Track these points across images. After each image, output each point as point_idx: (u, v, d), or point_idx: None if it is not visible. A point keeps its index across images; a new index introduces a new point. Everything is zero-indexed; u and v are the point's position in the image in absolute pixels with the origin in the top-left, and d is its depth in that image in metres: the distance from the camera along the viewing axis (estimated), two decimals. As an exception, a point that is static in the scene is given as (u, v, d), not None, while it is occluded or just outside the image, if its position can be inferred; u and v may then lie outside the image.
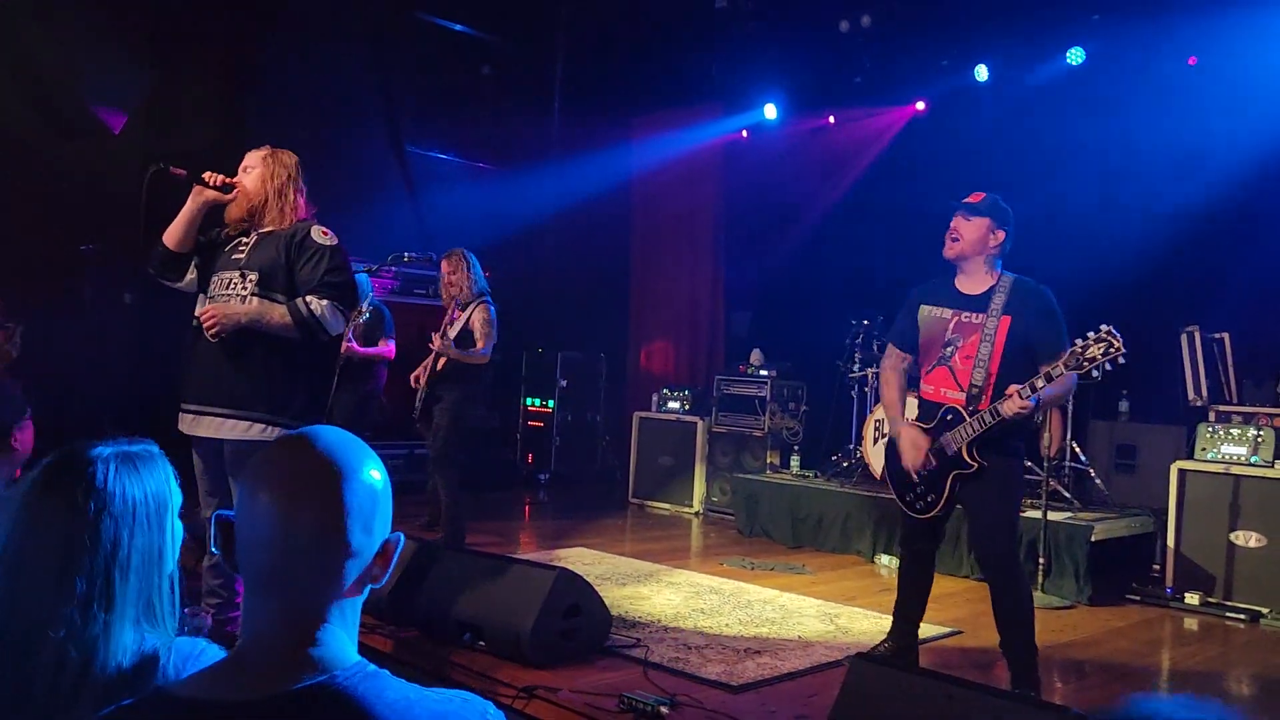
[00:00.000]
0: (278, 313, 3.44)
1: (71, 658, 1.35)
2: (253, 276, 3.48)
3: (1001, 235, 3.63)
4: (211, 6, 7.50)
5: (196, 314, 3.50)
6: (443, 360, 5.69)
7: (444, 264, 5.92)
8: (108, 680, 1.37)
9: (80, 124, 6.86)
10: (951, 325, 3.64)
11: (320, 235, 3.57)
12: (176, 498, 1.54)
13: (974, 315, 3.60)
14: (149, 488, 1.47)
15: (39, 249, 6.54)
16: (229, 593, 3.48)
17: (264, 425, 3.41)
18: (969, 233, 3.63)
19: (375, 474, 1.20)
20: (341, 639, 1.16)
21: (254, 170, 3.66)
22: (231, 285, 3.50)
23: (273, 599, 1.15)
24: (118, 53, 6.85)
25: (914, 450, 3.64)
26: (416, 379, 5.88)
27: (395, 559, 1.22)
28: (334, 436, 1.21)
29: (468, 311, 5.78)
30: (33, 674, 1.35)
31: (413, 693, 1.12)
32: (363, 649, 1.20)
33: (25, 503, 1.43)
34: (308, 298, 3.45)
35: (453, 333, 5.75)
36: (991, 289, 3.61)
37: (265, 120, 7.35)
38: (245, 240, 3.59)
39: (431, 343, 5.72)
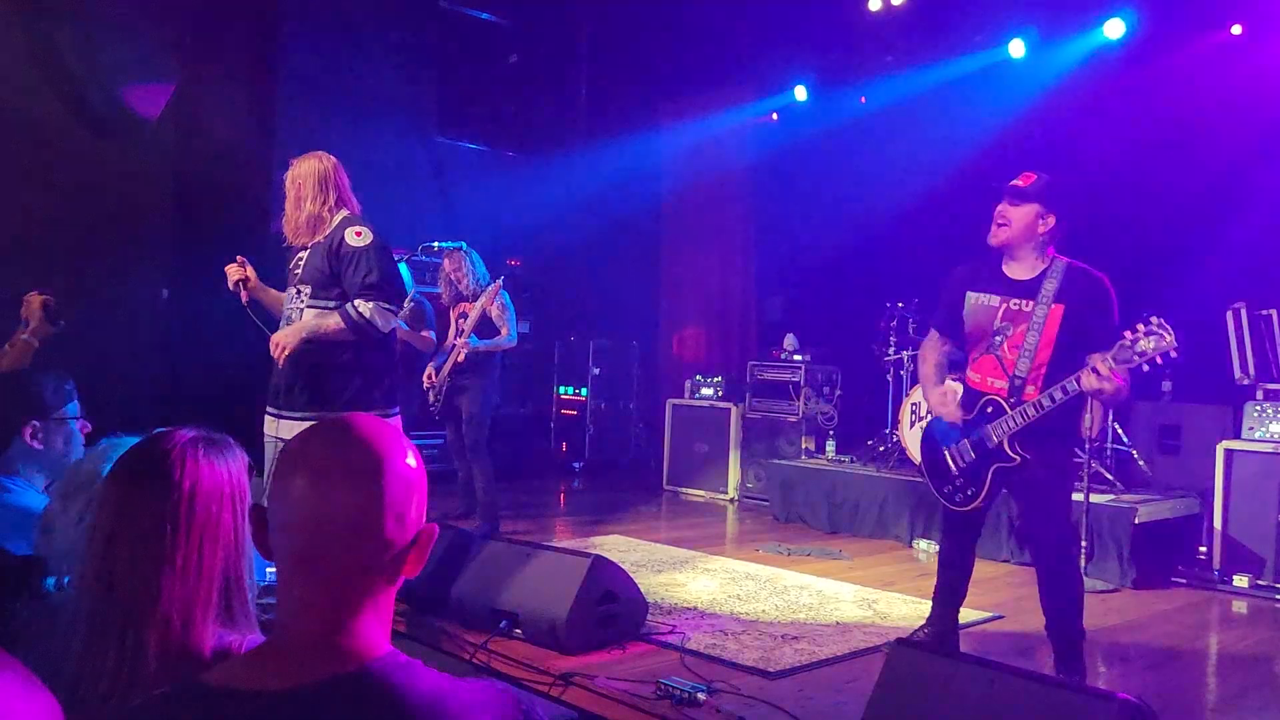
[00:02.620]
0: (332, 321, 3.73)
1: (176, 626, 1.40)
2: (306, 290, 3.81)
3: (1052, 220, 3.43)
4: (240, 3, 7.54)
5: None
6: (463, 351, 5.78)
7: (446, 262, 6.06)
8: (198, 664, 1.40)
9: (112, 121, 6.92)
10: (1000, 313, 3.50)
11: (353, 238, 3.76)
12: (247, 492, 1.57)
13: (1024, 302, 3.45)
14: (233, 472, 1.52)
15: (76, 246, 6.62)
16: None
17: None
18: (1016, 219, 3.45)
19: (411, 463, 1.18)
20: (374, 628, 1.15)
21: (287, 195, 3.90)
22: (293, 299, 3.87)
23: (305, 587, 1.14)
24: (146, 49, 6.90)
25: (943, 403, 3.57)
26: (429, 377, 5.94)
27: (429, 550, 1.20)
28: (371, 425, 1.20)
29: (479, 303, 5.88)
30: (143, 645, 1.39)
31: (445, 683, 1.11)
32: (397, 638, 1.19)
33: (116, 483, 1.48)
34: (356, 302, 3.72)
35: (467, 325, 5.83)
36: (1042, 274, 3.45)
37: (292, 114, 7.39)
38: (302, 255, 3.89)
39: (458, 352, 5.80)
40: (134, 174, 7.08)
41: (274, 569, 1.17)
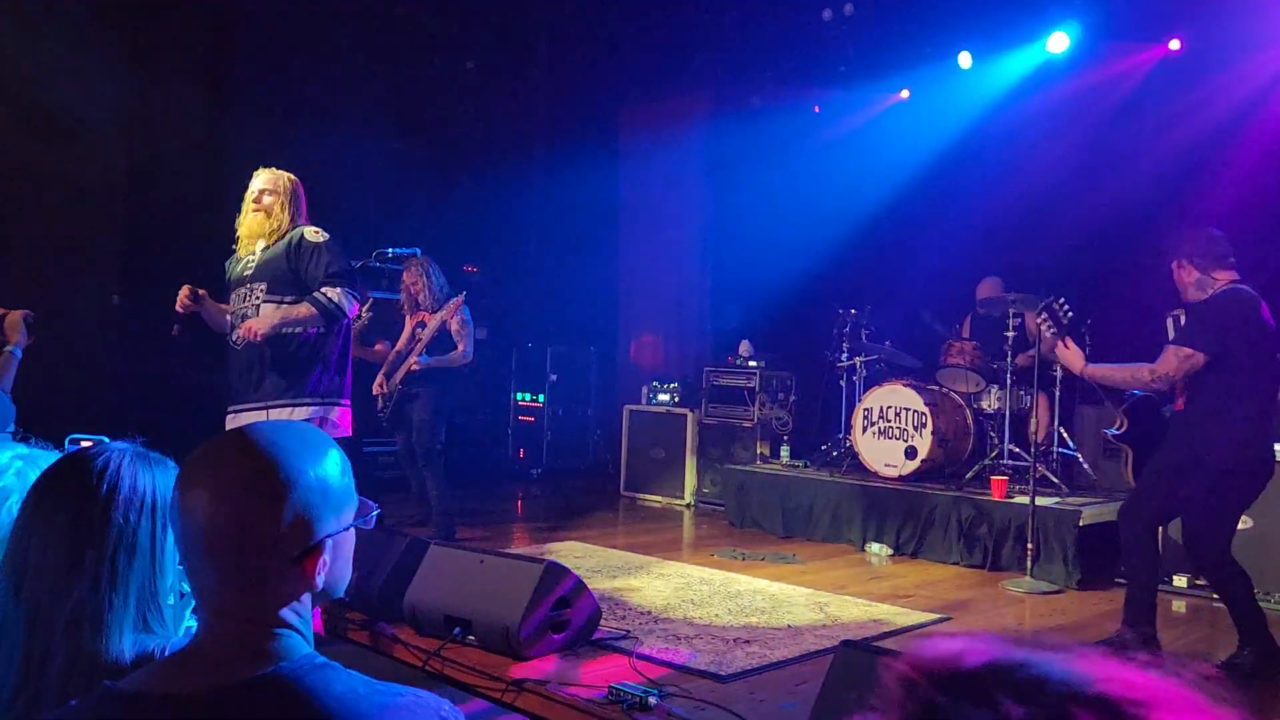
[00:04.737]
0: (303, 309, 3.95)
1: (84, 636, 1.39)
2: (260, 287, 4.01)
3: (1186, 263, 3.91)
4: (192, 6, 7.47)
5: (234, 338, 4.05)
6: (415, 367, 5.77)
7: (405, 274, 6.03)
8: (114, 671, 1.39)
9: (60, 125, 6.82)
10: None
11: (312, 235, 4.06)
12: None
13: None
14: (158, 484, 1.52)
15: (23, 252, 6.51)
16: None
17: (291, 407, 3.92)
18: (1177, 282, 4.01)
19: (315, 475, 1.18)
20: (288, 633, 1.16)
21: (255, 201, 4.13)
22: (246, 298, 4.05)
23: (210, 590, 1.15)
24: (97, 55, 6.81)
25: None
26: (379, 385, 5.91)
27: (323, 562, 1.18)
28: (277, 434, 1.20)
29: (438, 316, 5.85)
30: (50, 650, 1.38)
31: (362, 686, 1.11)
32: (348, 645, 1.21)
33: (38, 487, 1.49)
34: (324, 289, 3.96)
35: (423, 335, 5.81)
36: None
37: (244, 118, 7.33)
38: (251, 259, 4.10)
39: (409, 365, 5.79)
40: (83, 179, 6.97)
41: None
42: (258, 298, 4.00)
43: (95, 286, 6.95)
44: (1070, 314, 4.12)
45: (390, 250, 5.58)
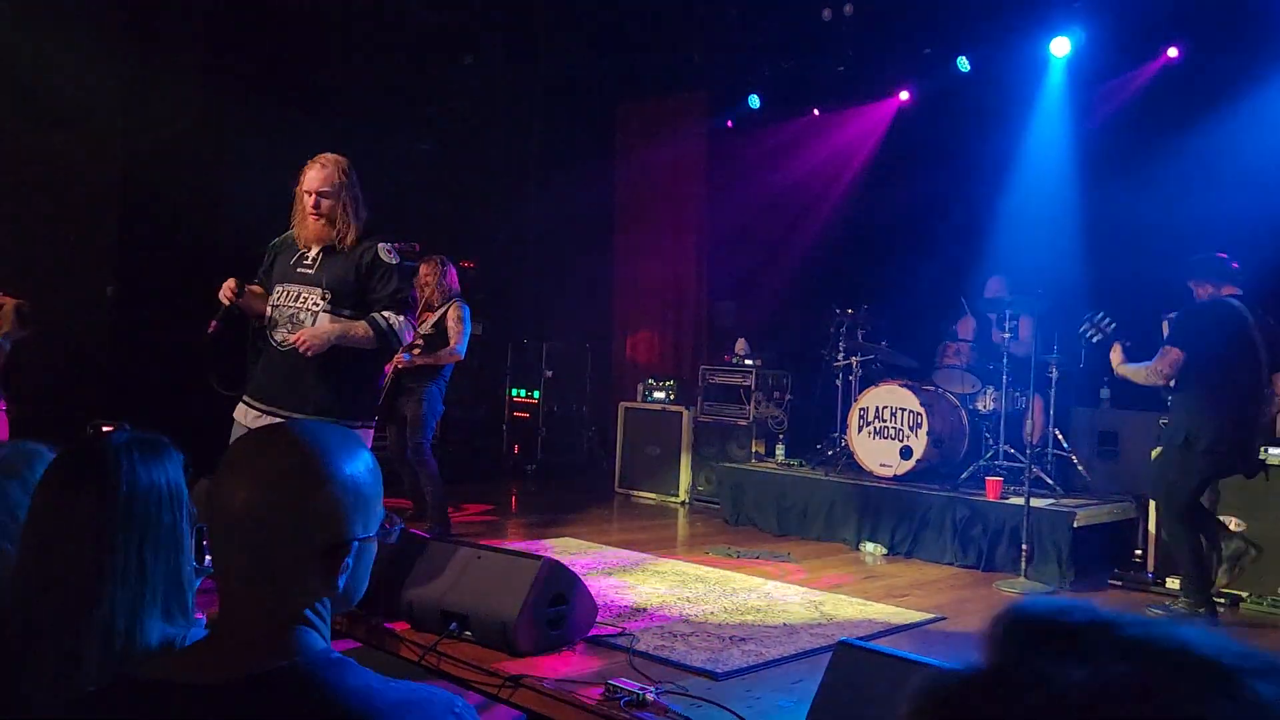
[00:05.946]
0: (360, 328, 3.76)
1: (119, 629, 1.40)
2: (325, 295, 3.76)
3: (1202, 281, 4.60)
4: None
5: (279, 338, 3.77)
6: (400, 364, 5.79)
7: (423, 267, 6.06)
8: (140, 659, 1.39)
9: (57, 113, 6.78)
10: None
11: (386, 254, 3.85)
12: (184, 491, 1.56)
13: None
14: (169, 473, 1.53)
15: (18, 241, 6.48)
16: None
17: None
18: (1195, 295, 4.69)
19: (351, 474, 1.18)
20: (306, 629, 1.16)
21: (329, 191, 3.82)
22: (301, 299, 3.78)
23: (234, 581, 1.16)
24: (94, 41, 6.77)
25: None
26: None
27: (347, 564, 1.18)
28: (319, 430, 1.21)
29: (438, 312, 5.91)
30: (81, 649, 1.38)
31: (376, 681, 1.12)
32: (344, 640, 1.21)
33: (50, 487, 1.48)
34: (385, 313, 3.78)
35: (424, 330, 5.84)
36: None
37: (244, 111, 7.30)
38: (307, 253, 3.83)
39: (395, 362, 5.80)
40: (79, 167, 6.94)
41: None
42: (317, 304, 3.76)
43: (90, 277, 6.92)
44: (1113, 325, 4.74)
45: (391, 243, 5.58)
